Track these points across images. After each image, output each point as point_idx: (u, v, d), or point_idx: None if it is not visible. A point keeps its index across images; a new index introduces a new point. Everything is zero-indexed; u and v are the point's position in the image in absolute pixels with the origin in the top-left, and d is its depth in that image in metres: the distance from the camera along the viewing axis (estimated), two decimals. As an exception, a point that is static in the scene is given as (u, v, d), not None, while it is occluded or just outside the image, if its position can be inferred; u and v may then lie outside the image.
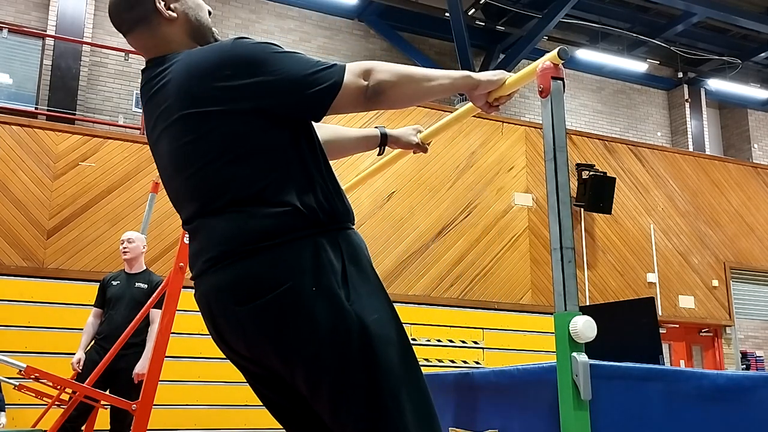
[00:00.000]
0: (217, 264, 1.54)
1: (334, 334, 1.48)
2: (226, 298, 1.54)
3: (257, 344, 1.55)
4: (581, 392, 1.68)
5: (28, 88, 9.18)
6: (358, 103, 1.59)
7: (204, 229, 1.58)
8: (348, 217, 1.62)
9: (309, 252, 1.50)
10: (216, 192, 1.56)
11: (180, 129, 1.58)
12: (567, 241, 1.75)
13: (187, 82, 1.57)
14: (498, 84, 1.81)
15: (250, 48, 1.57)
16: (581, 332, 1.69)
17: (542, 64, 1.84)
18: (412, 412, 1.49)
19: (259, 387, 1.73)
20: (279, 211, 1.51)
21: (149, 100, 1.67)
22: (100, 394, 4.18)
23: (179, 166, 1.62)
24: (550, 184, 1.80)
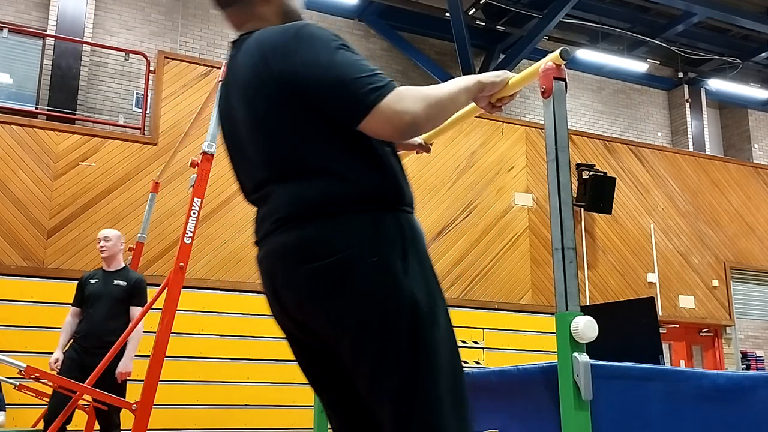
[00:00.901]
0: (285, 224, 1.60)
1: (386, 306, 1.53)
2: (289, 258, 1.60)
3: (311, 306, 1.59)
4: (582, 392, 1.68)
5: (29, 88, 9.17)
6: (386, 130, 1.57)
7: (276, 194, 1.65)
8: (411, 203, 1.69)
9: (374, 224, 1.57)
10: (287, 161, 1.63)
11: (252, 101, 1.67)
12: (569, 242, 1.76)
13: (256, 58, 1.66)
14: (501, 85, 1.81)
15: (313, 35, 1.61)
16: (582, 332, 1.69)
17: (544, 65, 1.84)
18: (448, 394, 1.54)
19: (303, 357, 1.77)
20: (351, 183, 1.58)
21: (228, 71, 1.79)
22: (100, 394, 4.18)
23: (252, 137, 1.69)
24: (551, 184, 1.80)
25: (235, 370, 7.28)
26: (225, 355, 7.27)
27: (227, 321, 7.37)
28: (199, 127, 6.57)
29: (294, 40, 1.61)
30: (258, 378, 7.34)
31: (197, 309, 7.19)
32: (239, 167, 1.80)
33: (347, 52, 1.59)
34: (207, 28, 10.38)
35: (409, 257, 1.58)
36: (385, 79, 1.56)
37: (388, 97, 1.53)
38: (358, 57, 1.60)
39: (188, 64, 8.06)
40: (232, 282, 7.56)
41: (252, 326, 7.44)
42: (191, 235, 3.73)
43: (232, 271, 7.61)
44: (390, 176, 1.64)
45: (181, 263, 3.77)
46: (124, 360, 4.76)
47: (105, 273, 5.12)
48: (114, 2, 9.82)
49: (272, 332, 8.35)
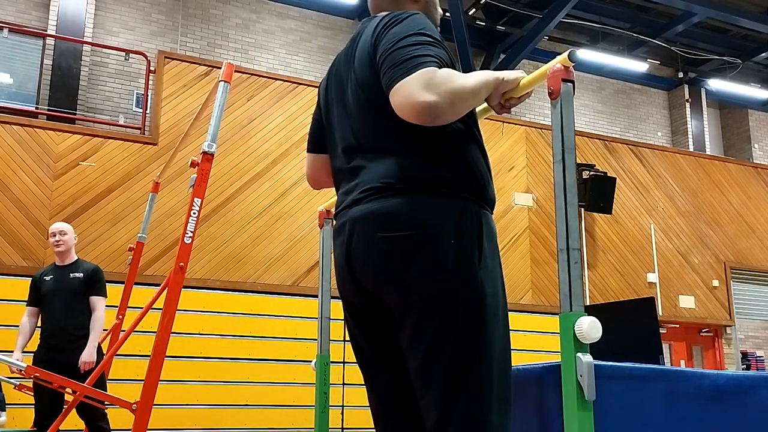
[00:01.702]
0: (376, 194, 1.65)
1: (457, 287, 1.58)
2: (372, 224, 1.64)
3: (384, 274, 1.63)
4: (585, 393, 1.68)
5: (29, 88, 9.17)
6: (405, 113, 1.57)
7: (369, 164, 1.70)
8: (493, 204, 1.76)
9: (459, 210, 1.64)
10: (388, 136, 1.68)
11: (359, 72, 1.75)
12: (573, 242, 1.76)
13: (371, 38, 1.75)
14: (514, 84, 1.81)
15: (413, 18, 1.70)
16: (586, 333, 1.69)
17: (553, 67, 1.83)
18: (497, 385, 1.58)
19: (359, 333, 1.80)
20: (445, 167, 1.65)
21: (351, 43, 1.89)
22: (99, 393, 4.18)
23: (359, 106, 1.74)
24: (558, 185, 1.80)
25: (235, 370, 7.28)
26: (225, 355, 7.27)
27: (227, 321, 7.37)
28: (199, 127, 6.57)
29: (394, 19, 1.71)
30: (258, 378, 7.34)
31: (197, 309, 7.19)
32: (336, 135, 1.84)
33: (427, 37, 1.64)
34: (207, 28, 10.38)
35: (484, 250, 1.64)
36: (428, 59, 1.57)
37: (415, 75, 1.54)
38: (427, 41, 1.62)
39: (188, 64, 8.06)
40: (232, 282, 7.56)
41: (252, 326, 7.44)
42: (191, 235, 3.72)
43: (232, 271, 7.61)
44: (479, 172, 1.71)
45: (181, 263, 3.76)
46: (87, 349, 4.73)
47: (59, 268, 5.04)
48: (114, 2, 9.82)
49: (272, 332, 8.39)
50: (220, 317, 7.35)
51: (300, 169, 7.88)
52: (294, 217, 7.97)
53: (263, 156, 8.03)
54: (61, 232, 5.04)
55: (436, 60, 1.58)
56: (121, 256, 6.93)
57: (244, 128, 8.05)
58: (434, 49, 1.61)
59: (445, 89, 1.54)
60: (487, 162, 1.78)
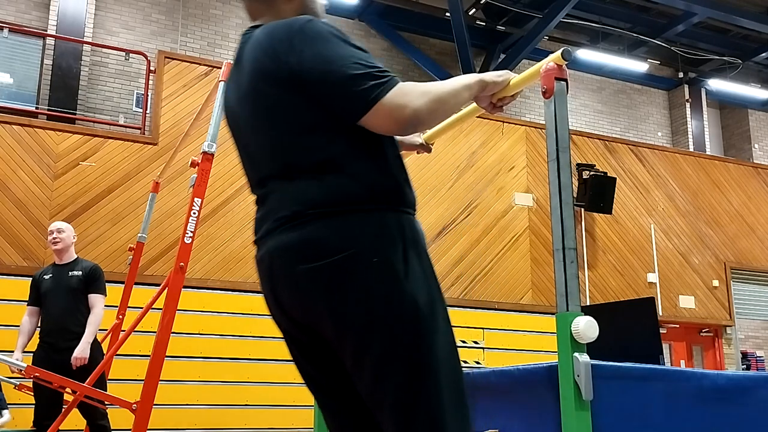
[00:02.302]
0: (287, 223, 1.60)
1: (389, 306, 1.53)
2: (290, 257, 1.59)
3: (312, 306, 1.59)
4: (583, 392, 1.68)
5: (29, 88, 9.17)
6: (388, 125, 1.58)
7: (278, 192, 1.64)
8: (414, 205, 1.69)
9: (376, 224, 1.57)
10: (291, 157, 1.62)
11: (257, 94, 1.67)
12: (569, 242, 1.75)
13: (260, 51, 1.66)
14: (503, 85, 1.81)
15: (317, 29, 1.62)
16: (583, 332, 1.69)
17: (546, 65, 1.83)
18: (449, 397, 1.54)
19: (301, 358, 1.76)
20: (354, 182, 1.58)
21: (236, 63, 1.78)
22: (100, 393, 4.18)
23: (257, 130, 1.69)
24: (552, 184, 1.80)
25: (235, 370, 7.28)
26: (225, 355, 7.27)
27: (227, 321, 7.37)
28: (199, 127, 6.57)
29: (299, 33, 1.61)
30: (258, 378, 7.34)
31: (197, 309, 7.19)
32: (245, 161, 1.79)
33: (351, 47, 1.59)
34: (207, 28, 10.38)
35: (410, 259, 1.58)
36: (388, 74, 1.56)
37: (391, 93, 1.53)
38: (362, 53, 1.59)
39: (188, 64, 8.06)
40: (232, 282, 7.56)
41: (252, 326, 7.44)
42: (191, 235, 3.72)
43: (232, 271, 7.61)
44: (393, 177, 1.64)
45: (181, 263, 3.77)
46: (81, 345, 4.71)
47: (58, 267, 5.05)
48: (114, 2, 9.82)
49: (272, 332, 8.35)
50: (220, 317, 7.35)
51: (300, 169, 7.87)
52: (294, 217, 7.97)
53: (263, 156, 8.02)
54: (58, 230, 5.05)
55: (387, 70, 1.58)
56: (121, 256, 6.93)
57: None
58: (372, 58, 1.59)
59: (422, 100, 1.55)
60: (400, 161, 1.69)
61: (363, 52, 1.60)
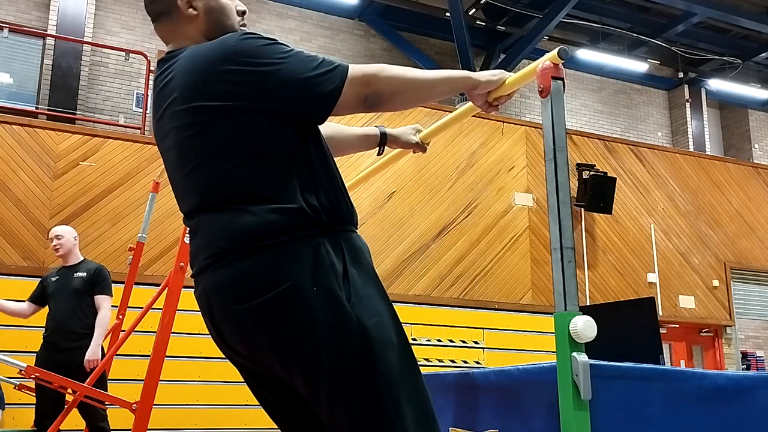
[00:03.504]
0: (217, 261, 1.54)
1: (333, 335, 1.47)
2: (226, 297, 1.54)
3: (255, 343, 1.54)
4: (581, 392, 1.68)
5: (29, 88, 9.17)
6: (356, 109, 1.61)
7: (205, 226, 1.59)
8: (351, 219, 1.62)
9: (310, 252, 1.50)
10: (217, 188, 1.56)
11: (183, 123, 1.59)
12: (567, 241, 1.75)
13: (191, 76, 1.57)
14: (497, 84, 1.81)
15: (255, 45, 1.55)
16: (581, 332, 1.69)
17: (542, 64, 1.83)
18: (411, 414, 1.49)
19: (257, 387, 1.73)
20: (281, 210, 1.51)
21: (158, 92, 1.68)
22: (100, 393, 4.18)
23: (182, 160, 1.62)
24: (550, 184, 1.80)
25: (235, 370, 7.24)
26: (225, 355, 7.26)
27: (227, 321, 7.36)
28: (199, 127, 6.56)
29: (235, 56, 1.54)
30: (258, 378, 7.33)
31: (197, 309, 7.17)
32: (175, 192, 1.73)
33: (291, 52, 1.57)
34: (207, 28, 10.39)
35: (352, 279, 1.52)
36: (334, 62, 1.57)
37: (348, 78, 1.55)
38: (303, 53, 1.58)
39: (188, 64, 8.06)
40: (232, 282, 7.55)
41: (252, 326, 7.43)
42: (191, 235, 3.72)
43: (232, 271, 7.60)
44: (324, 197, 1.56)
45: (182, 263, 3.77)
46: (91, 347, 4.75)
47: (64, 269, 5.12)
48: (114, 2, 9.82)
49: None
50: (220, 317, 7.34)
51: (300, 169, 7.87)
52: (294, 217, 7.97)
53: (263, 156, 8.03)
54: (56, 236, 5.10)
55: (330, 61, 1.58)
56: (122, 256, 6.93)
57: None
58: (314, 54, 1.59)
59: (387, 78, 1.58)
60: (333, 176, 1.61)
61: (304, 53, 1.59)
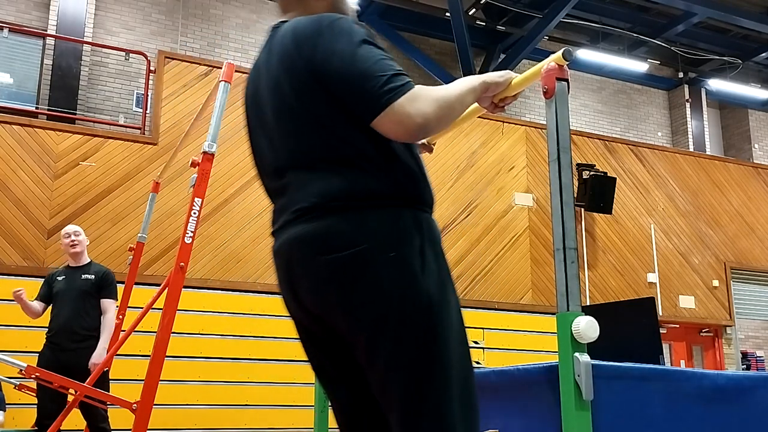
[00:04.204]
0: (306, 214, 1.60)
1: (403, 301, 1.53)
2: (308, 247, 1.60)
3: (327, 297, 1.60)
4: (583, 392, 1.68)
5: (29, 88, 9.17)
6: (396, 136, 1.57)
7: (297, 183, 1.65)
8: (431, 204, 1.70)
9: (394, 220, 1.58)
10: (317, 150, 1.63)
11: (282, 87, 1.68)
12: (570, 242, 1.75)
13: (288, 46, 1.67)
14: (504, 85, 1.81)
15: (343, 28, 1.62)
16: (583, 332, 1.69)
17: (547, 65, 1.83)
18: (458, 396, 1.55)
19: (313, 349, 1.77)
20: (374, 178, 1.59)
21: (262, 55, 1.81)
22: (100, 393, 4.18)
23: (281, 121, 1.69)
24: (553, 184, 1.80)
25: (235, 370, 7.28)
26: (225, 355, 7.27)
27: (227, 321, 7.37)
28: (199, 127, 6.57)
29: (326, 30, 1.62)
30: (258, 378, 7.34)
31: (197, 309, 7.19)
32: (261, 153, 1.80)
33: (373, 48, 1.60)
34: (207, 28, 10.38)
35: (426, 256, 1.59)
36: (404, 79, 1.56)
37: (402, 98, 1.53)
38: (383, 55, 1.59)
39: (188, 63, 8.06)
40: (232, 282, 7.56)
41: (252, 326, 7.44)
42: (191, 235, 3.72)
43: (232, 271, 7.61)
44: (411, 174, 1.65)
45: (182, 263, 3.77)
46: (97, 350, 4.78)
47: (71, 269, 5.11)
48: (114, 2, 9.82)
49: (272, 332, 8.36)
50: (220, 317, 7.35)
51: (300, 169, 7.87)
52: (294, 217, 7.97)
53: (263, 156, 8.03)
54: (75, 233, 5.13)
55: (406, 74, 1.58)
56: (122, 256, 6.93)
57: (244, 128, 8.04)
58: (392, 61, 1.59)
59: (432, 107, 1.55)
60: (419, 161, 1.71)
61: (383, 54, 1.60)
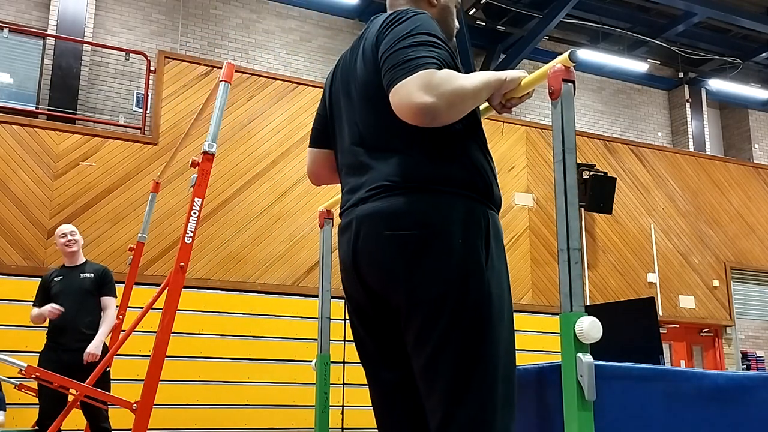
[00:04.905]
0: (383, 193, 1.64)
1: (464, 287, 1.57)
2: (380, 223, 1.63)
3: (391, 272, 1.62)
4: (586, 393, 1.68)
5: (29, 88, 9.17)
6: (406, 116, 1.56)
7: (376, 164, 1.69)
8: (499, 204, 1.75)
9: (466, 209, 1.63)
10: (397, 133, 1.67)
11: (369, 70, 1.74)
12: (574, 243, 1.75)
13: (374, 36, 1.75)
14: (517, 83, 1.81)
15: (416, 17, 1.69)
16: (587, 333, 1.69)
17: (554, 67, 1.83)
18: (502, 385, 1.58)
19: (363, 330, 1.79)
20: (452, 166, 1.64)
21: (360, 38, 1.87)
22: (100, 393, 4.18)
23: (368, 103, 1.74)
24: (558, 185, 1.80)
25: (235, 370, 7.28)
26: (225, 355, 7.27)
27: (227, 321, 7.37)
28: (199, 127, 6.57)
29: (399, 16, 1.69)
30: (258, 378, 7.34)
31: (197, 309, 7.19)
32: (345, 130, 1.83)
33: (428, 37, 1.63)
34: (207, 28, 10.38)
35: (491, 250, 1.63)
36: (428, 60, 1.56)
37: (414, 76, 1.52)
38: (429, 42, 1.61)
39: (188, 64, 8.06)
40: (232, 282, 7.56)
41: (252, 326, 7.44)
42: (192, 235, 3.72)
43: (232, 271, 7.61)
44: (484, 172, 1.70)
45: (182, 263, 3.76)
46: (94, 341, 4.78)
47: (68, 269, 5.09)
48: (114, 2, 9.82)
49: (272, 332, 8.34)
50: (220, 317, 7.35)
51: (300, 169, 7.88)
52: (294, 217, 7.97)
53: (263, 156, 8.03)
54: (71, 232, 5.11)
55: (437, 61, 1.56)
56: (122, 256, 6.93)
57: (244, 128, 8.05)
58: (435, 50, 1.59)
59: (443, 90, 1.52)
60: (491, 162, 1.77)
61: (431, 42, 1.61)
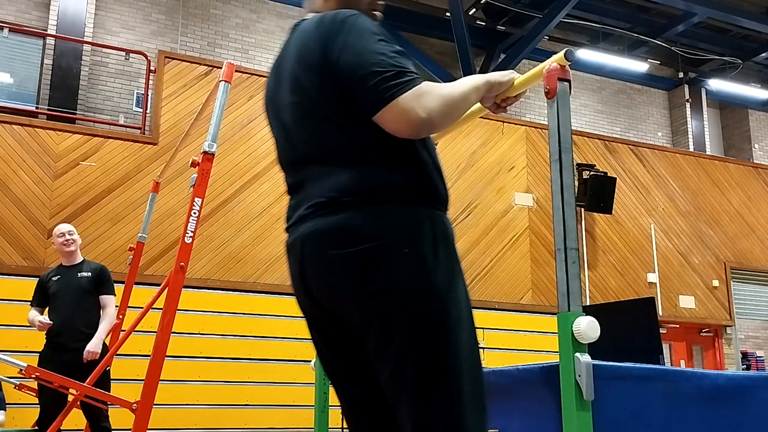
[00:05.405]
0: (321, 209, 1.62)
1: (416, 297, 1.55)
2: (322, 242, 1.61)
3: (341, 291, 1.60)
4: (584, 393, 1.68)
5: (29, 88, 9.17)
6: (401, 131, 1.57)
7: (313, 179, 1.67)
8: (446, 202, 1.71)
9: (409, 216, 1.59)
10: (330, 146, 1.64)
11: (301, 83, 1.69)
12: (571, 242, 1.75)
13: (306, 40, 1.70)
14: (508, 85, 1.81)
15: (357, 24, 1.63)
16: (584, 333, 1.69)
17: (549, 66, 1.83)
18: (469, 389, 1.56)
19: (324, 347, 1.78)
20: (390, 174, 1.60)
21: (284, 50, 1.83)
22: (100, 393, 4.18)
23: (298, 115, 1.71)
24: (555, 184, 1.80)
25: (235, 370, 7.28)
26: (225, 355, 7.27)
27: (227, 321, 7.37)
28: (199, 127, 6.57)
29: (340, 25, 1.64)
30: (258, 378, 7.34)
31: (197, 309, 7.19)
32: (281, 144, 1.81)
33: (385, 44, 1.60)
34: (207, 28, 10.38)
35: (440, 253, 1.60)
36: (411, 75, 1.56)
37: (408, 94, 1.53)
38: (394, 52, 1.60)
39: (188, 63, 8.06)
40: (232, 282, 7.56)
41: (252, 326, 7.44)
42: (192, 235, 3.72)
43: (232, 271, 7.61)
44: (426, 172, 1.66)
45: (182, 263, 3.77)
46: (94, 340, 4.77)
47: (65, 269, 5.08)
48: (114, 2, 9.82)
49: (272, 332, 8.35)
50: (220, 317, 7.35)
51: (300, 169, 7.87)
52: (294, 217, 7.97)
53: (263, 156, 8.03)
54: (69, 232, 5.11)
55: (414, 72, 1.58)
56: (122, 255, 6.93)
57: (244, 128, 8.05)
58: (402, 58, 1.59)
59: (436, 104, 1.54)
60: (435, 158, 1.72)
61: (397, 52, 1.60)
